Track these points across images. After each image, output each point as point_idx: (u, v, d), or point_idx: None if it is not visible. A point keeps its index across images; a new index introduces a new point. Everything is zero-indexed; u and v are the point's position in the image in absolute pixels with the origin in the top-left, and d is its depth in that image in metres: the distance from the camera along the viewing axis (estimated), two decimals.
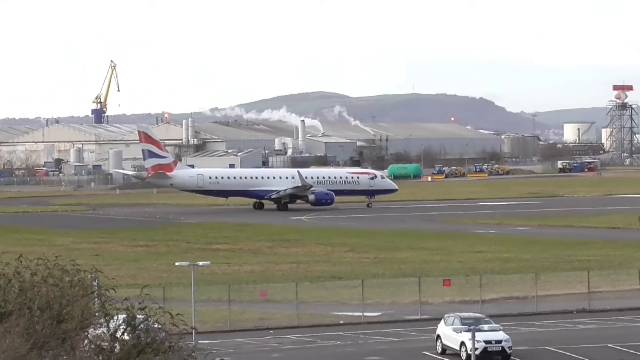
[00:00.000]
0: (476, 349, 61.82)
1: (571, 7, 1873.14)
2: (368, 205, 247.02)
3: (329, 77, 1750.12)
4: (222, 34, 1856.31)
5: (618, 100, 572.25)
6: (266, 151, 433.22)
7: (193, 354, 40.24)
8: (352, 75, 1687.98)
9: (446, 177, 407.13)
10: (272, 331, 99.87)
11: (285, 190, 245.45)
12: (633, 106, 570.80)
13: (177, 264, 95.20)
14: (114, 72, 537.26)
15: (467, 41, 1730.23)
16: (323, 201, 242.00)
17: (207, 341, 75.09)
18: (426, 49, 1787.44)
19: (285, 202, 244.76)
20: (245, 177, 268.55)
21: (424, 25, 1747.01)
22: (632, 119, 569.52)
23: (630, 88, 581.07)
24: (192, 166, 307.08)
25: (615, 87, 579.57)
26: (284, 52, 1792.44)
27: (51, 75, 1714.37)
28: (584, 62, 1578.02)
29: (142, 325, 39.62)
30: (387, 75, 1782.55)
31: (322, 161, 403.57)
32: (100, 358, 39.18)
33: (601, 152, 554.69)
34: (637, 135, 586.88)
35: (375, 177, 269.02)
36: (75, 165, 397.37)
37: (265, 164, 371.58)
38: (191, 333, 68.28)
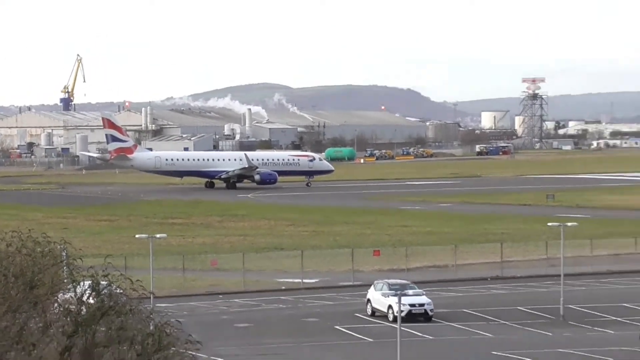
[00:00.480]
0: (402, 311, 62.18)
1: (495, 6, 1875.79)
2: (307, 185, 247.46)
3: (273, 69, 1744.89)
4: (175, 32, 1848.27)
5: (529, 91, 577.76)
6: (216, 136, 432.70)
7: (151, 315, 40.27)
8: (294, 68, 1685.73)
9: (377, 159, 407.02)
10: (221, 296, 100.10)
11: (233, 171, 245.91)
12: (543, 96, 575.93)
13: (137, 236, 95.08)
14: (80, 64, 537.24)
15: (397, 38, 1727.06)
16: (267, 181, 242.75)
17: (164, 305, 75.22)
18: (361, 44, 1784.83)
19: (233, 181, 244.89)
20: (198, 159, 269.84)
21: (359, 23, 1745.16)
22: (542, 108, 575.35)
23: (542, 80, 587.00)
24: (150, 149, 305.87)
25: (525, 80, 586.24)
26: (233, 46, 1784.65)
27: (22, 66, 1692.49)
28: (501, 56, 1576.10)
29: (105, 291, 39.61)
30: (326, 68, 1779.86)
31: (267, 145, 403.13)
32: (68, 319, 39.18)
33: (514, 137, 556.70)
34: (546, 122, 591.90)
35: (314, 159, 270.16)
36: (46, 148, 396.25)
37: (215, 147, 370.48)
38: (149, 297, 68.32)
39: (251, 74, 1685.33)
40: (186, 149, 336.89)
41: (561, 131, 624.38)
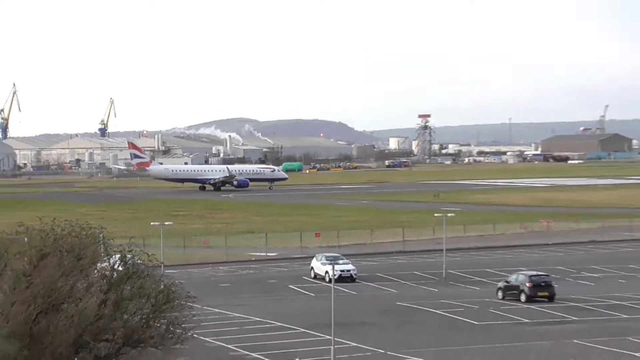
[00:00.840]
0: (335, 274, 62.11)
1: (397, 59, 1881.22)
2: (270, 188, 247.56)
3: (245, 106, 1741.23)
4: (176, 79, 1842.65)
5: (422, 124, 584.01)
6: (207, 154, 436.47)
7: (161, 278, 40.24)
8: (260, 106, 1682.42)
9: (318, 170, 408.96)
10: (210, 265, 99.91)
11: (219, 178, 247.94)
12: (431, 127, 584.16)
13: (152, 223, 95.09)
14: (113, 105, 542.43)
15: (331, 84, 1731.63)
16: (242, 185, 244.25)
17: (170, 271, 75.08)
18: (306, 90, 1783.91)
19: (219, 186, 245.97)
20: (194, 170, 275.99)
21: (307, 75, 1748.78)
22: (430, 135, 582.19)
23: (429, 116, 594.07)
24: (161, 163, 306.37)
25: (420, 116, 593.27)
26: (219, 89, 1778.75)
27: (68, 102, 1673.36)
28: (402, 99, 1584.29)
29: (130, 261, 39.59)
30: (283, 106, 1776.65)
31: (242, 161, 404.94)
32: (104, 281, 39.12)
33: (412, 155, 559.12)
34: (433, 145, 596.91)
35: (274, 170, 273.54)
36: (88, 163, 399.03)
37: (206, 162, 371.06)
38: (160, 266, 68.15)
39: (230, 110, 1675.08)
40: (186, 163, 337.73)
41: (444, 151, 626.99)
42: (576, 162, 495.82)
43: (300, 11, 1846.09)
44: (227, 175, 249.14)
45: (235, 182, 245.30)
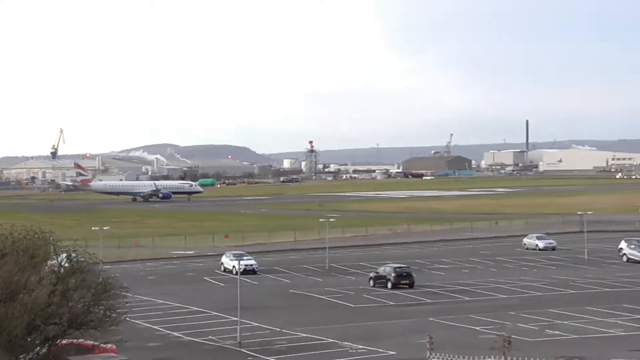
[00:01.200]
0: (240, 268, 61.71)
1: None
2: (188, 199, 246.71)
3: (168, 133, 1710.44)
4: (119, 106, 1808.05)
5: (310, 148, 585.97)
6: (138, 173, 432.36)
7: (100, 272, 39.44)
8: (180, 132, 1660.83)
9: (227, 185, 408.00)
10: (140, 262, 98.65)
11: (147, 192, 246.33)
12: (316, 150, 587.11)
13: (93, 228, 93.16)
14: (62, 134, 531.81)
15: (242, 113, 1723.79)
16: (167, 197, 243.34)
17: (107, 267, 73.74)
18: (217, 120, 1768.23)
19: (147, 197, 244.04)
20: (127, 185, 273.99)
21: (219, 110, 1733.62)
22: (316, 157, 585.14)
23: (313, 142, 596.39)
24: (101, 180, 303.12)
25: (309, 142, 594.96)
26: (147, 119, 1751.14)
27: (21, 128, 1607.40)
28: (295, 127, 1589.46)
29: (74, 259, 38.80)
30: (199, 133, 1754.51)
31: (166, 178, 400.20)
32: (53, 275, 38.23)
33: (302, 173, 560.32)
34: (319, 164, 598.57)
35: (192, 185, 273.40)
36: (42, 180, 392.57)
37: (137, 179, 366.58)
38: (99, 263, 66.84)
39: (157, 136, 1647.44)
40: (121, 180, 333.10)
41: (326, 169, 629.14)
42: (429, 177, 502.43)
43: (211, 49, 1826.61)
44: (154, 189, 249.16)
45: (160, 195, 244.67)
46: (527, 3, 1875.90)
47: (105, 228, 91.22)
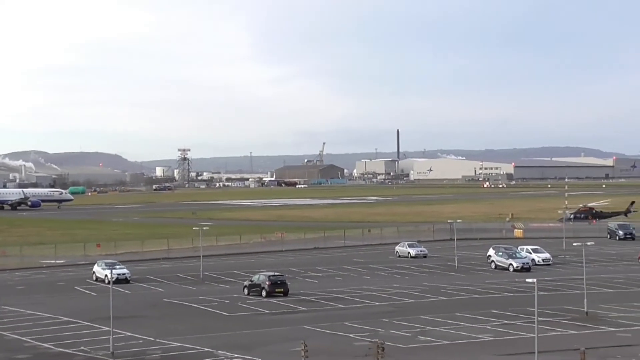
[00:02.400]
0: (112, 277, 60.50)
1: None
2: (58, 207, 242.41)
3: (38, 140, 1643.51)
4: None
5: (182, 156, 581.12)
6: (4, 180, 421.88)
7: None
8: (50, 140, 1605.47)
9: (98, 193, 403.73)
10: (7, 271, 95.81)
11: (15, 199, 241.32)
12: (189, 158, 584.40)
13: None
14: None
15: (112, 119, 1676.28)
16: (36, 205, 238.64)
17: None
18: (91, 124, 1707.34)
19: (15, 206, 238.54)
20: None
21: (89, 116, 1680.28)
22: (189, 165, 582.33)
23: (189, 150, 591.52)
24: None
25: (180, 149, 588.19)
26: (15, 125, 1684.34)
27: None
28: (165, 136, 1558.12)
29: None
30: (69, 140, 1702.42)
31: (35, 185, 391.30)
32: None
33: (175, 181, 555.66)
34: (191, 172, 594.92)
35: (62, 193, 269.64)
36: None
37: (4, 186, 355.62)
38: None
39: (23, 143, 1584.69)
40: None
41: (199, 177, 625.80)
42: (302, 186, 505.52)
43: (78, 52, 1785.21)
44: (23, 197, 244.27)
45: (29, 203, 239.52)
46: (395, 16, 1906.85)
47: None
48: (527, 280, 48.99)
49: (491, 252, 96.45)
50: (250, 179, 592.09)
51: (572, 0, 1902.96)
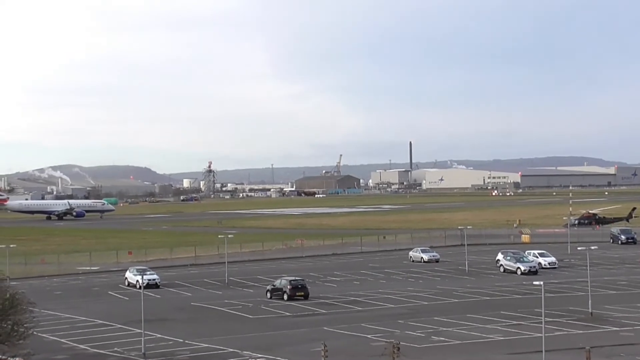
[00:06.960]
0: (143, 283, 60.61)
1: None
2: (101, 217, 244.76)
3: (76, 155, 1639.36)
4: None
5: (208, 168, 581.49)
6: (43, 192, 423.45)
7: (8, 288, 38.26)
8: (86, 155, 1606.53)
9: (130, 204, 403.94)
10: (46, 277, 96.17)
11: (62, 210, 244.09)
12: (214, 171, 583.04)
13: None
14: None
15: (143, 136, 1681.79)
16: (80, 215, 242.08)
17: (14, 282, 71.69)
18: (123, 140, 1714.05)
19: (62, 216, 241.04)
20: (42, 204, 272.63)
21: (120, 132, 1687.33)
22: (214, 176, 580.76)
23: (212, 162, 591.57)
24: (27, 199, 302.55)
25: (209, 162, 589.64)
26: (49, 141, 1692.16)
27: None
28: (191, 146, 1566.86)
29: None
30: (101, 155, 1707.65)
31: (70, 197, 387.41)
32: None
33: (201, 192, 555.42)
34: (216, 184, 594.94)
35: (105, 203, 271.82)
36: None
37: (43, 198, 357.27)
38: (6, 279, 64.95)
39: (62, 157, 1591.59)
40: (27, 199, 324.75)
41: (224, 188, 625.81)
42: (321, 196, 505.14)
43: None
44: (69, 207, 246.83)
45: (74, 213, 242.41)
46: (407, 35, 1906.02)
47: (12, 246, 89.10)
48: (535, 282, 48.76)
49: (500, 256, 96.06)
50: (271, 190, 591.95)
51: (572, 17, 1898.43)
